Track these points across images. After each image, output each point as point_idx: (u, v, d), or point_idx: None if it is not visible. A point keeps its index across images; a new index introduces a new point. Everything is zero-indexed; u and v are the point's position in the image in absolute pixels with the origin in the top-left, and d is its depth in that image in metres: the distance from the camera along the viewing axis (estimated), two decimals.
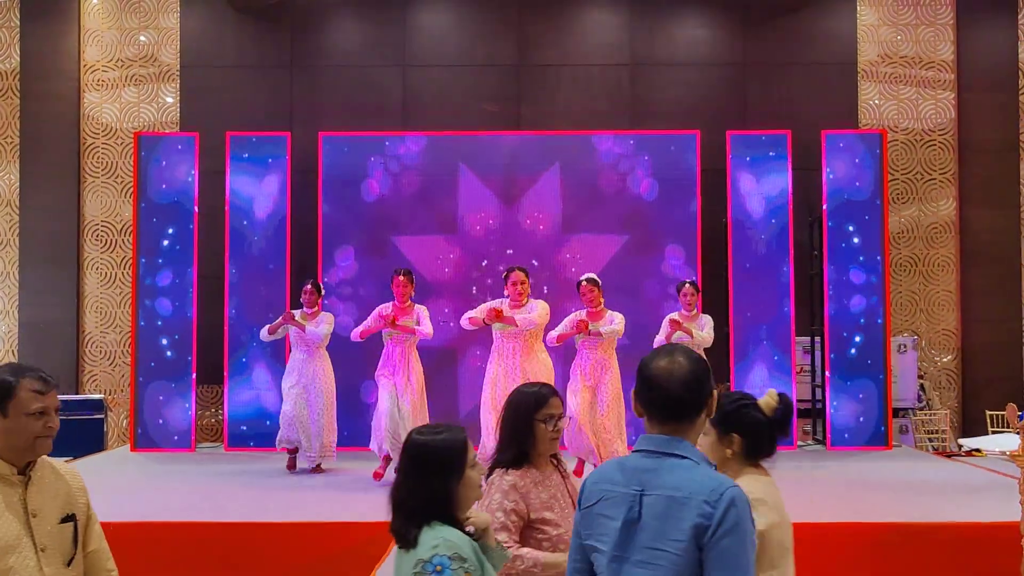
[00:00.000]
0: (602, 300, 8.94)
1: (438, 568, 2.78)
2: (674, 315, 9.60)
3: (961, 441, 11.62)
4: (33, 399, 3.03)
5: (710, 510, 2.43)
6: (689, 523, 2.44)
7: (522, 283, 8.56)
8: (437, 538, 2.82)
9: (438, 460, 2.91)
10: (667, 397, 2.60)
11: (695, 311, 9.73)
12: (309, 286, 9.73)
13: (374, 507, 7.58)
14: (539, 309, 8.54)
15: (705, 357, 2.78)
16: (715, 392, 2.67)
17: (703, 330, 9.50)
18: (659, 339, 9.55)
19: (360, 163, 11.50)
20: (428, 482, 2.89)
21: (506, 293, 8.70)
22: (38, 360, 12.10)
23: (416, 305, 9.22)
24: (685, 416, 2.60)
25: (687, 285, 9.78)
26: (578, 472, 8.29)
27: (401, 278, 9.09)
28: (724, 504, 2.44)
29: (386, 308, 9.13)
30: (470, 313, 8.76)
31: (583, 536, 2.66)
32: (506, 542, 3.36)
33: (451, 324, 11.07)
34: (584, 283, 8.89)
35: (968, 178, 12.38)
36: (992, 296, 12.30)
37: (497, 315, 8.40)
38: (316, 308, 9.68)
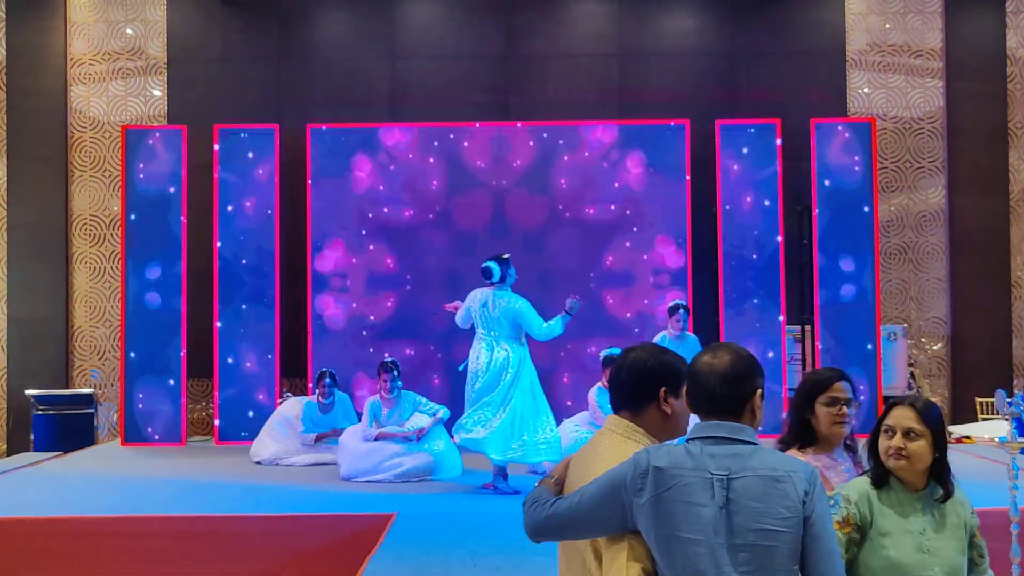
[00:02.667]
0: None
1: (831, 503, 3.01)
2: (660, 337, 9.70)
3: (951, 428, 11.64)
4: None
5: (809, 487, 2.55)
6: (796, 499, 2.52)
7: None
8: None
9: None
10: (706, 392, 2.66)
11: (684, 332, 9.77)
12: (327, 379, 9.94)
13: (364, 501, 7.59)
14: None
15: (752, 355, 2.77)
16: (759, 391, 2.69)
17: None
18: None
19: (348, 155, 11.48)
20: None
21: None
22: (28, 355, 12.10)
23: (403, 394, 9.21)
24: (727, 411, 2.65)
25: (680, 310, 9.80)
26: None
27: (384, 374, 9.11)
28: (818, 482, 2.57)
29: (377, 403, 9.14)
30: None
31: (651, 527, 2.56)
32: None
33: (439, 315, 11.09)
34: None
35: (957, 166, 12.40)
36: (982, 284, 12.32)
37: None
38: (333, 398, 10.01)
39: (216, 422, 11.28)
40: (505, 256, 8.27)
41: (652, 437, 2.83)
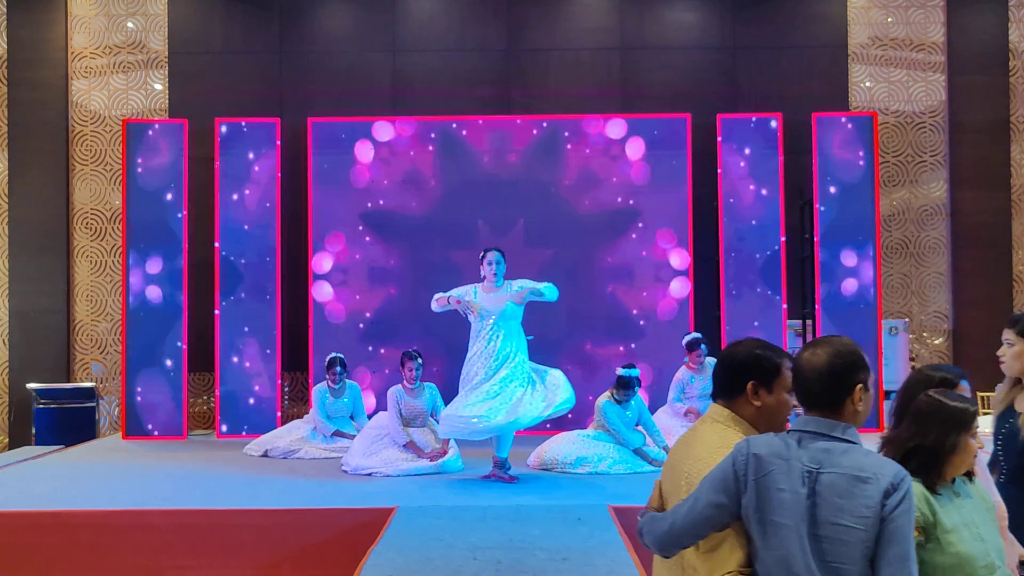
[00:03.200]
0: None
1: None
2: (682, 373, 9.93)
3: None
4: None
5: (892, 489, 2.63)
6: (876, 501, 2.62)
7: (497, 263, 8.36)
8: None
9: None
10: (805, 388, 2.80)
11: (703, 364, 9.88)
12: (339, 366, 9.99)
13: (365, 494, 7.59)
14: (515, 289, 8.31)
15: (857, 350, 2.84)
16: (859, 386, 2.77)
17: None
18: (672, 401, 9.97)
19: (350, 148, 11.47)
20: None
21: (482, 274, 8.44)
22: (29, 349, 12.11)
23: (426, 385, 9.16)
24: (826, 406, 2.77)
25: (702, 346, 9.86)
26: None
27: (408, 362, 9.03)
28: (905, 487, 2.65)
29: (402, 397, 9.02)
30: (438, 295, 8.43)
31: (751, 510, 2.72)
32: None
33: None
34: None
35: (959, 160, 12.38)
36: (983, 278, 12.31)
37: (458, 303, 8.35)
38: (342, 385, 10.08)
39: (217, 416, 11.28)
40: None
41: (750, 426, 2.96)
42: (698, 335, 10.03)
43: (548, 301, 8.44)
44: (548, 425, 9.45)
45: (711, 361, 9.83)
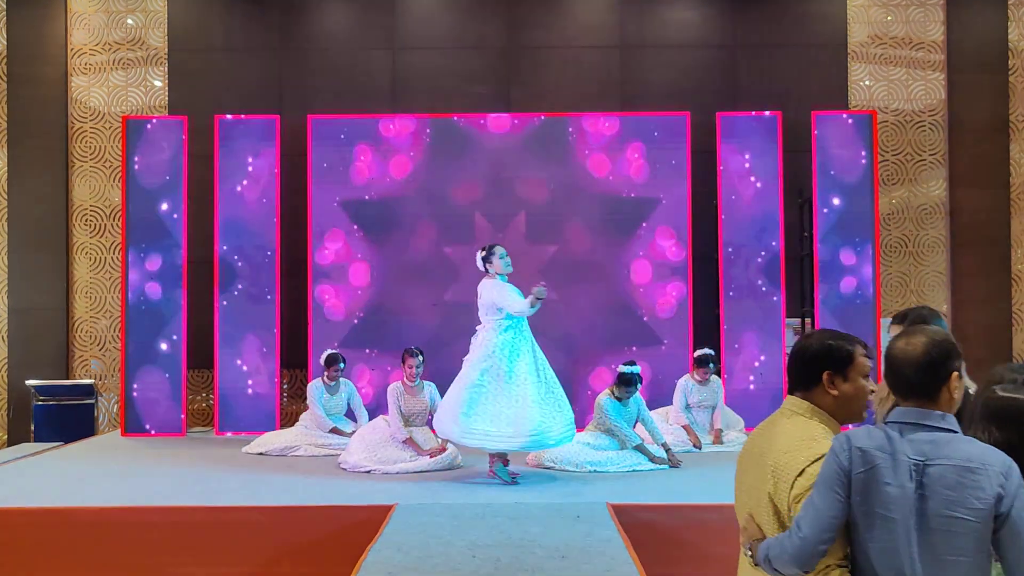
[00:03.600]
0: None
1: None
2: (684, 381, 10.03)
3: None
4: None
5: (1005, 481, 2.64)
6: (989, 492, 2.62)
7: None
8: None
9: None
10: (902, 377, 2.82)
11: (709, 379, 10.02)
12: (341, 363, 10.05)
13: (364, 491, 7.60)
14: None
15: (949, 337, 2.85)
16: (955, 374, 2.79)
17: (722, 404, 10.12)
18: (674, 410, 9.97)
19: (349, 145, 11.47)
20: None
21: (491, 270, 8.30)
22: (29, 346, 12.11)
23: (425, 383, 9.10)
24: (923, 395, 2.79)
25: (711, 363, 10.00)
26: None
27: (409, 359, 9.00)
28: (1015, 473, 2.65)
29: (401, 395, 8.98)
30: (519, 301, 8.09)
31: (857, 501, 2.75)
32: None
33: (440, 305, 11.15)
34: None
35: (958, 159, 12.39)
36: (982, 277, 12.32)
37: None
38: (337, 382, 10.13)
39: (216, 413, 11.28)
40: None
41: (829, 416, 3.01)
42: (710, 352, 10.08)
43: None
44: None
45: (716, 380, 9.95)
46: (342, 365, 10.01)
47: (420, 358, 8.96)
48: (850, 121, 11.31)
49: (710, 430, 9.93)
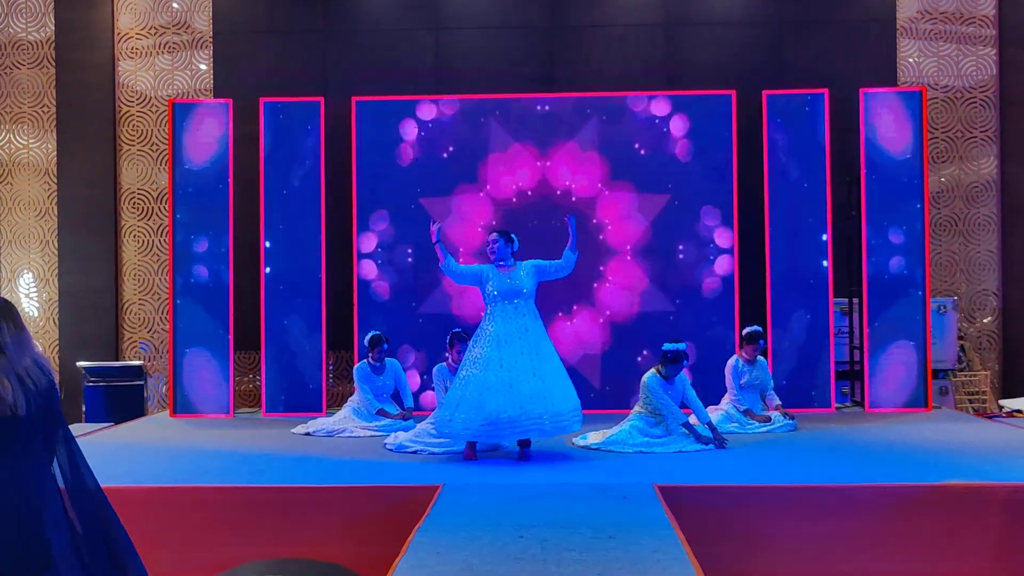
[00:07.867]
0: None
1: None
2: (734, 361, 9.90)
3: (1002, 402, 11.51)
4: None
5: None
6: None
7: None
8: None
9: None
10: None
11: (756, 357, 9.90)
12: (384, 344, 10.06)
13: (410, 472, 7.64)
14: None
15: None
16: None
17: (771, 386, 9.95)
18: (730, 393, 9.90)
19: (394, 127, 11.48)
20: None
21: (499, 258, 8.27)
22: (79, 328, 12.27)
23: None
24: None
25: (760, 341, 9.86)
26: None
27: (456, 344, 9.09)
28: None
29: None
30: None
31: None
32: None
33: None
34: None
35: (1010, 135, 12.19)
36: None
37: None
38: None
39: (263, 394, 11.36)
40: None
41: None
42: (758, 329, 9.95)
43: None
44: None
45: (762, 360, 9.83)
46: (385, 346, 10.04)
47: (468, 343, 8.95)
48: (899, 98, 11.16)
49: (763, 411, 9.77)
